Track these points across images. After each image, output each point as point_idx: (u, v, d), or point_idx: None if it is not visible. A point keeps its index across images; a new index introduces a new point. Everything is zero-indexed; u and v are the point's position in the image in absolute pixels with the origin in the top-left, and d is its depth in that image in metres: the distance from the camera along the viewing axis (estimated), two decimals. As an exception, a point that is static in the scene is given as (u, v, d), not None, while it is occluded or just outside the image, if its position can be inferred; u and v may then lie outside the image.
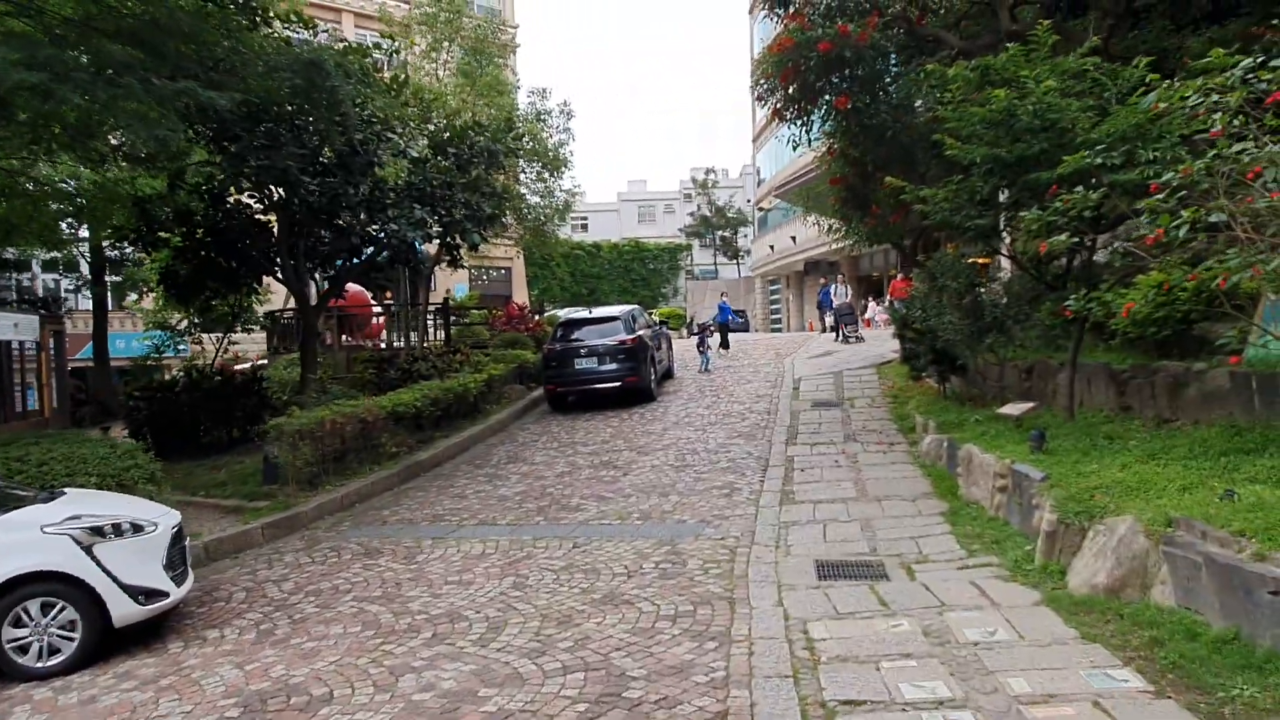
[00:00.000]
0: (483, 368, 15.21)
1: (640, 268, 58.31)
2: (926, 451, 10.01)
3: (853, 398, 14.71)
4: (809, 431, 12.30)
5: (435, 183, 13.24)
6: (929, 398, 13.14)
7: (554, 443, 13.04)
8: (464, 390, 13.49)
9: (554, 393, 15.80)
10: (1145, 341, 10.00)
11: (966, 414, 10.65)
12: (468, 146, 13.85)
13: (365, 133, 11.48)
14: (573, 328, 16.28)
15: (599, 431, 13.61)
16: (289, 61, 8.78)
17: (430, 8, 18.35)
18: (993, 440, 8.45)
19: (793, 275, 48.77)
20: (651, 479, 10.28)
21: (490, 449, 12.99)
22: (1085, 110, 7.32)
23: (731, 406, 14.92)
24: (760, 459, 10.90)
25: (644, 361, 15.75)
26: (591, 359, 15.50)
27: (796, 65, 9.98)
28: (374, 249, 13.24)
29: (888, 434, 11.74)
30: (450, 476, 11.37)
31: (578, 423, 14.56)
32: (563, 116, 19.94)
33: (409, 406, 11.81)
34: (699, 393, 16.68)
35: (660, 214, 74.15)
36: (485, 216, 13.55)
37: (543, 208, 18.79)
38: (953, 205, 8.56)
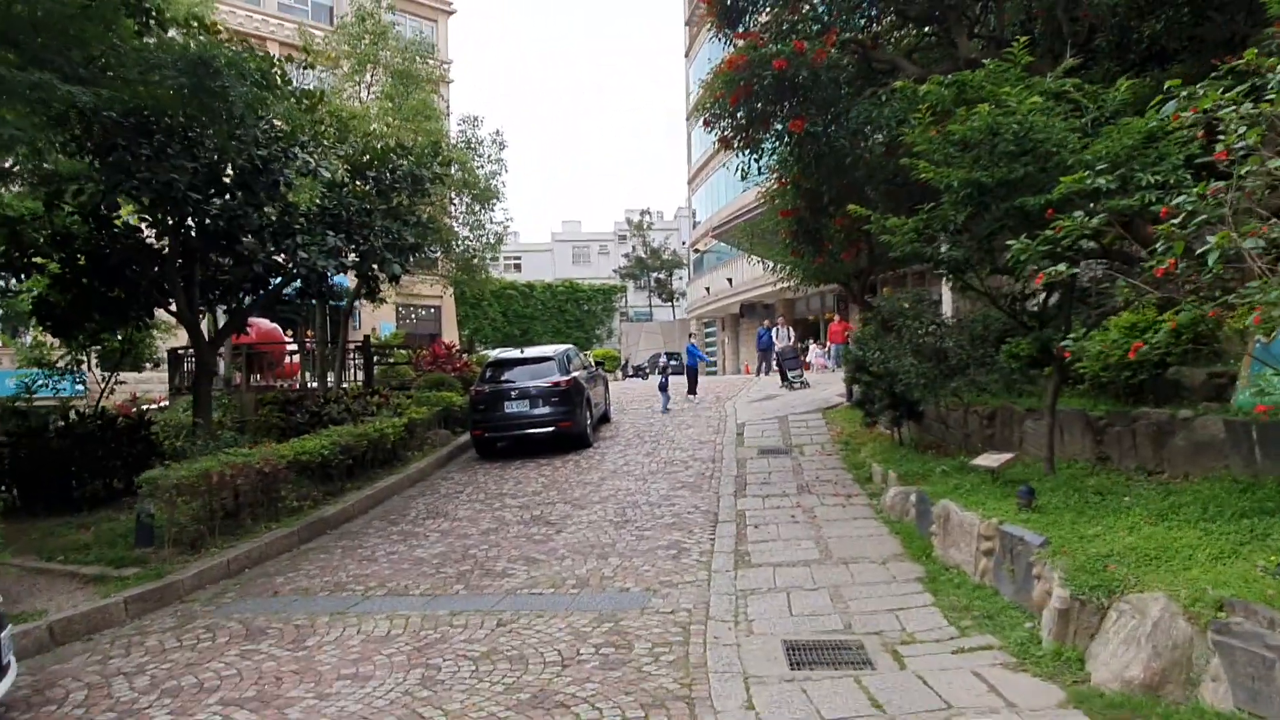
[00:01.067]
0: (403, 411, 13.93)
1: (574, 309, 57.33)
2: (891, 505, 9.14)
3: (801, 444, 13.86)
4: (759, 482, 11.35)
5: (352, 208, 12.07)
6: (883, 445, 12.36)
7: (480, 494, 11.81)
8: (380, 436, 12.19)
9: (481, 438, 14.57)
10: (1115, 386, 9.40)
11: (930, 464, 9.85)
12: (389, 170, 12.73)
13: (270, 149, 10.28)
14: (503, 368, 15.13)
15: (530, 481, 12.44)
16: (173, 59, 7.61)
17: (354, 29, 17.30)
18: (969, 495, 7.61)
19: (728, 317, 48.41)
20: (589, 537, 9.16)
21: (408, 502, 11.69)
22: (1073, 131, 6.63)
23: (673, 453, 13.91)
24: (708, 513, 9.89)
25: (579, 405, 14.68)
26: (523, 402, 14.35)
27: (749, 85, 9.21)
28: (281, 279, 11.94)
29: (844, 485, 10.87)
30: (360, 535, 10.05)
31: (507, 471, 13.35)
32: (495, 146, 19.01)
33: (315, 455, 10.49)
34: (638, 438, 15.64)
35: (595, 255, 73.55)
36: (407, 246, 12.40)
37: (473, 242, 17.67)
38: (922, 236, 7.79)
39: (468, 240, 18.01)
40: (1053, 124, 6.58)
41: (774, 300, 40.97)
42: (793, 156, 10.61)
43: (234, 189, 10.45)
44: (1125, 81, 7.24)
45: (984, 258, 7.65)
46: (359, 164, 12.50)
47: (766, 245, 16.31)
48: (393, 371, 19.44)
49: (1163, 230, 5.16)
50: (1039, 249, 6.20)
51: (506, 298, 54.44)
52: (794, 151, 10.36)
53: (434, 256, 23.49)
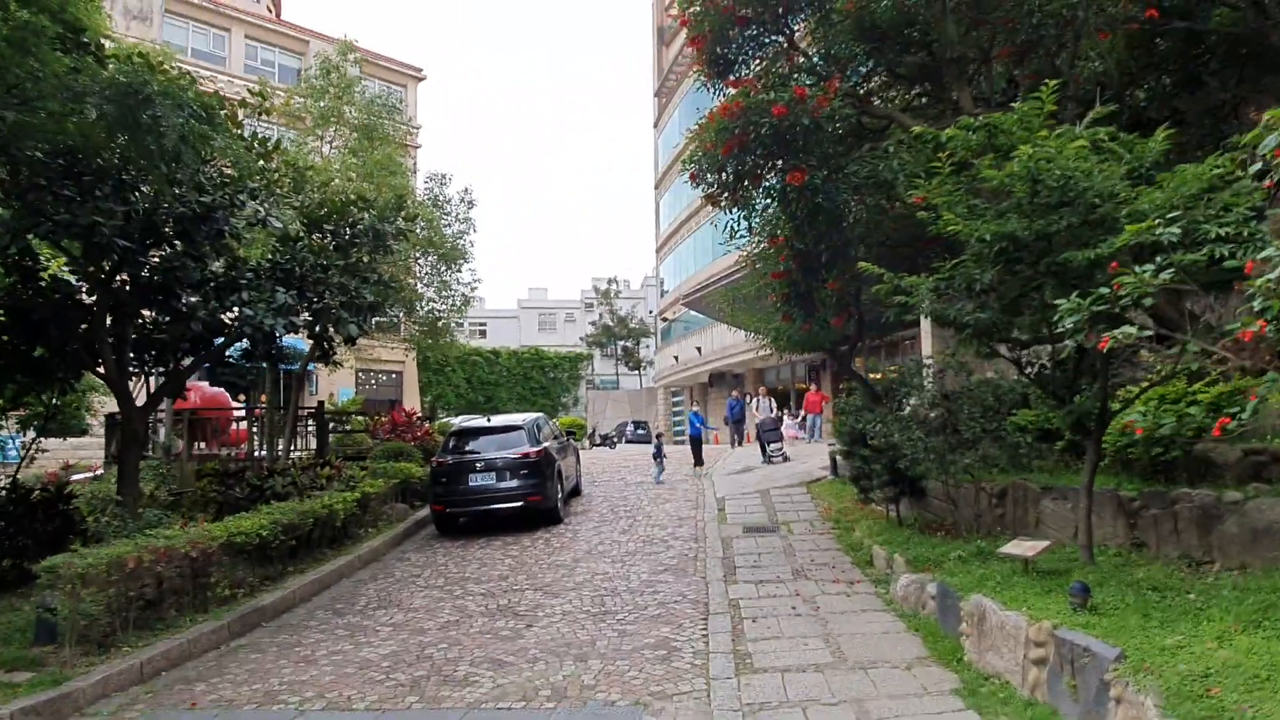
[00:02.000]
0: (357, 484, 12.72)
1: (540, 376, 56.25)
2: (903, 596, 8.16)
3: (788, 521, 12.88)
4: (748, 564, 10.31)
5: (307, 264, 11.10)
6: (879, 524, 11.43)
7: (439, 579, 10.61)
8: (329, 512, 10.99)
9: (442, 514, 13.39)
10: (1139, 463, 8.64)
11: (939, 547, 8.92)
12: (349, 225, 11.81)
13: (215, 195, 9.32)
14: (467, 437, 14.03)
15: (496, 563, 11.27)
16: (100, 87, 6.69)
17: (319, 82, 16.57)
18: (1003, 589, 6.66)
19: (697, 386, 47.66)
20: (564, 633, 8.03)
21: (359, 587, 10.44)
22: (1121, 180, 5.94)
23: (651, 531, 12.84)
24: (697, 602, 8.82)
25: (549, 478, 13.60)
26: (488, 474, 13.23)
27: (744, 134, 8.52)
28: (225, 339, 10.85)
29: (843, 569, 9.88)
30: (300, 628, 8.80)
31: (470, 551, 12.16)
32: (463, 205, 18.21)
33: (252, 536, 9.28)
34: (612, 513, 14.55)
35: (561, 322, 72.91)
36: (365, 305, 11.41)
37: (439, 303, 16.71)
38: (942, 297, 7.01)
39: (433, 302, 17.05)
40: (1100, 171, 5.87)
41: (743, 370, 40.35)
42: (785, 214, 9.89)
43: (173, 239, 9.44)
44: (1163, 131, 6.60)
45: (1013, 321, 6.85)
46: (316, 217, 11.58)
47: (748, 311, 15.55)
48: (349, 440, 18.19)
49: (1258, 285, 4.39)
50: (1091, 309, 5.41)
51: (471, 364, 53.25)
52: (788, 209, 9.65)
53: (396, 320, 22.53)
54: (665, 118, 49.96)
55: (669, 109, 48.92)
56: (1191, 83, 11.32)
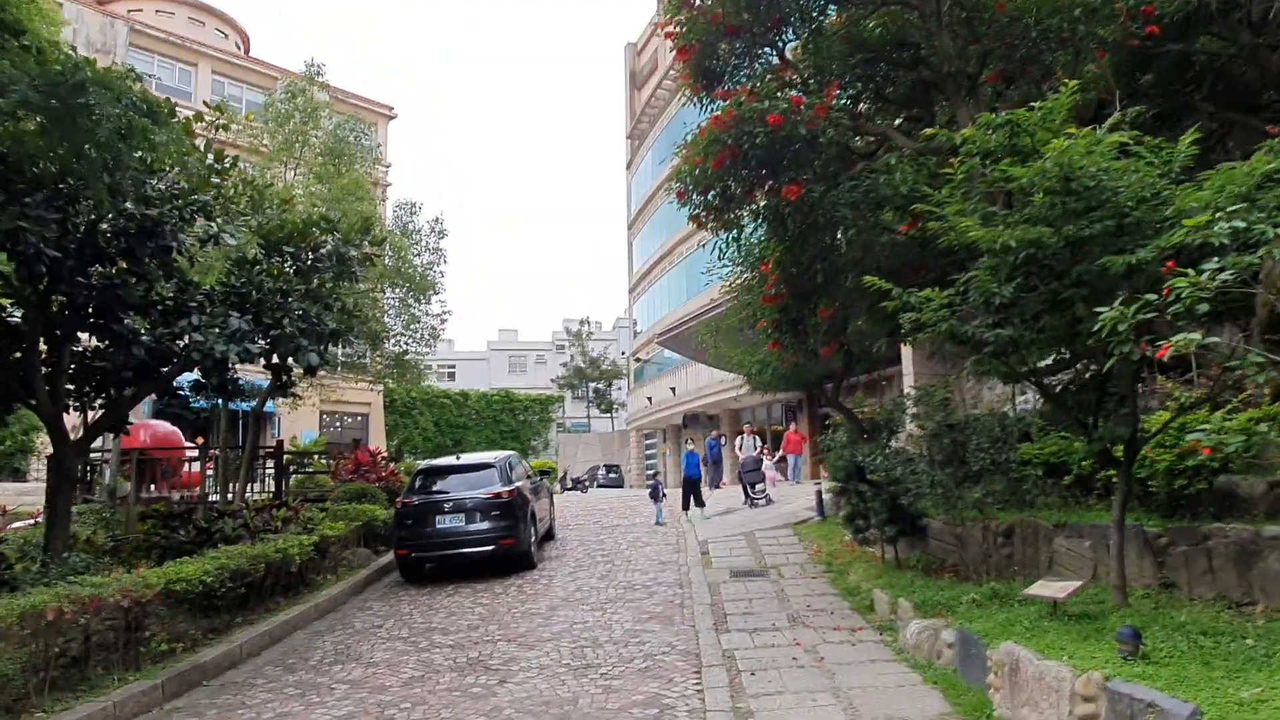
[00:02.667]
0: (315, 527, 11.81)
1: (510, 418, 55.23)
2: (915, 645, 7.46)
3: (777, 565, 12.15)
4: (740, 612, 9.56)
5: (264, 288, 10.34)
6: (876, 566, 10.76)
7: (403, 630, 9.72)
8: (283, 557, 10.08)
9: (407, 558, 12.47)
10: (1156, 498, 8.08)
11: (948, 591, 8.25)
12: (310, 248, 11.08)
13: (161, 209, 8.58)
14: (435, 477, 13.18)
15: (465, 612, 10.39)
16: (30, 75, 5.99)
17: (284, 106, 15.93)
18: (1034, 636, 6.00)
19: (670, 429, 46.94)
20: (542, 690, 7.21)
21: (314, 640, 9.51)
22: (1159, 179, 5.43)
23: (632, 576, 12.03)
24: (688, 654, 8.03)
25: (523, 520, 12.77)
26: (457, 516, 12.38)
27: (735, 146, 7.98)
28: (172, 368, 10.00)
29: (842, 615, 9.17)
30: (245, 688, 7.87)
31: (437, 599, 11.27)
32: (434, 235, 17.51)
33: (194, 582, 8.37)
34: (588, 558, 13.72)
35: (532, 364, 72.09)
36: (326, 332, 10.63)
37: (406, 336, 15.87)
38: (956, 313, 6.44)
39: (400, 335, 16.22)
40: (1136, 171, 5.36)
41: (718, 410, 39.77)
42: (777, 235, 9.35)
43: (115, 257, 8.66)
44: (1192, 133, 6.14)
45: (1035, 338, 6.28)
46: (275, 239, 10.84)
47: (730, 343, 14.98)
48: (311, 482, 17.21)
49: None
50: (1137, 317, 4.85)
51: (439, 406, 52.19)
52: (781, 228, 9.10)
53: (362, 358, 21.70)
54: (638, 159, 49.97)
55: (641, 150, 48.94)
56: (1180, 111, 11.09)
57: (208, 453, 16.73)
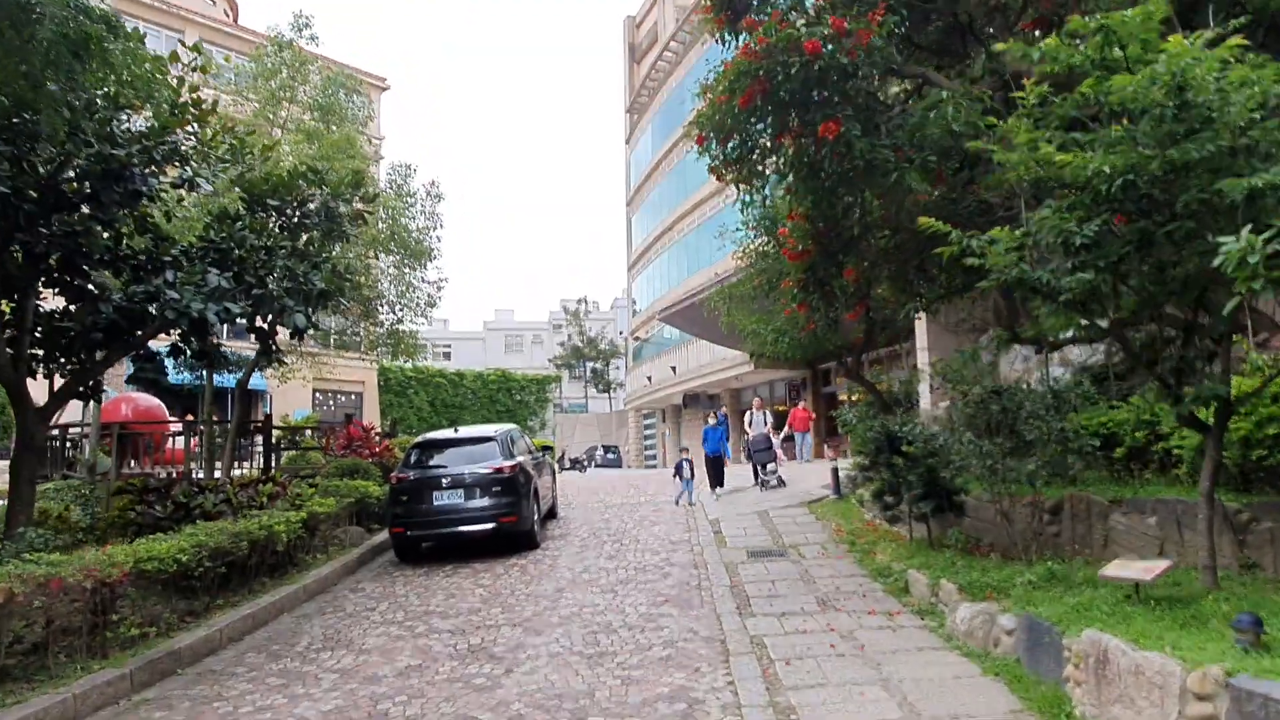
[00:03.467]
0: (304, 503, 11.04)
1: (507, 398, 54.38)
2: (967, 631, 6.73)
3: (796, 545, 11.42)
4: (764, 594, 8.83)
5: (247, 244, 9.53)
6: (905, 546, 10.05)
7: (398, 613, 8.97)
8: (268, 535, 9.32)
9: (403, 537, 11.71)
10: (1227, 472, 7.35)
11: (996, 572, 7.51)
12: (297, 201, 10.26)
13: (130, 148, 7.74)
14: (432, 450, 12.40)
15: (465, 594, 9.65)
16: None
17: (271, 59, 14.99)
18: (1119, 622, 5.26)
19: (670, 409, 46.24)
20: (552, 681, 6.47)
21: (301, 624, 8.77)
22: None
23: (642, 556, 11.30)
24: (712, 640, 7.31)
25: (525, 496, 12.01)
26: (455, 492, 11.61)
27: (768, 77, 7.15)
28: (147, 329, 9.19)
29: (875, 597, 8.44)
30: (224, 677, 7.12)
31: (435, 580, 10.53)
32: (430, 199, 16.61)
33: (167, 561, 7.61)
34: (594, 537, 12.98)
35: (529, 344, 71.24)
36: (315, 292, 9.81)
37: (401, 304, 14.96)
38: (1024, 257, 5.65)
39: (395, 303, 15.29)
40: (1260, 80, 4.57)
41: (719, 389, 39.05)
42: (806, 185, 8.53)
43: (78, 203, 7.84)
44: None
45: (1120, 285, 5.51)
46: (259, 192, 10.01)
47: (744, 312, 14.19)
48: (304, 459, 16.41)
49: None
50: (1272, 247, 4.08)
51: (435, 386, 51.33)
52: (812, 177, 8.28)
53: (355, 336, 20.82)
54: (637, 133, 48.97)
55: (641, 124, 47.95)
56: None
57: (194, 428, 15.96)
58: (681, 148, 40.28)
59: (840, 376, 15.10)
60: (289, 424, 20.90)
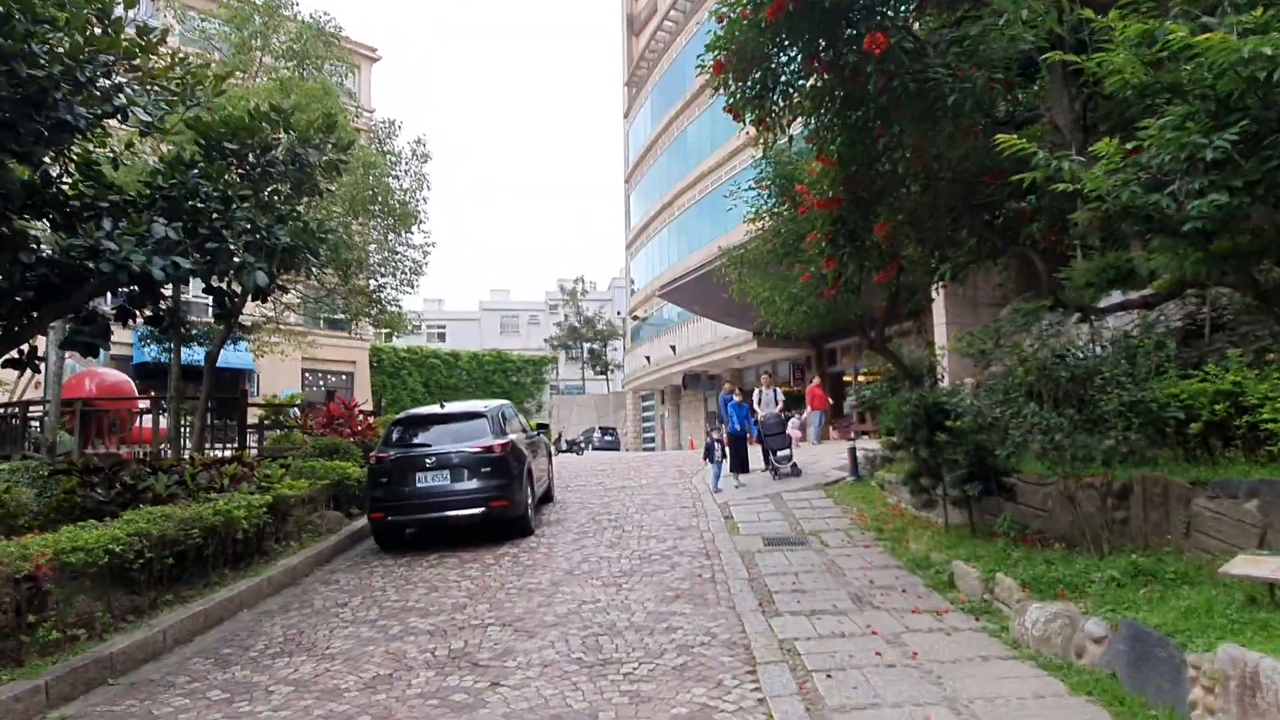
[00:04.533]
0: (272, 485, 9.96)
1: (502, 379, 53.24)
2: (1040, 637, 5.66)
3: (817, 532, 10.38)
4: (787, 588, 7.77)
5: (202, 193, 8.38)
6: (940, 534, 9.01)
7: (372, 610, 7.90)
8: (226, 520, 8.23)
9: (383, 523, 10.63)
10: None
11: (1064, 566, 6.45)
12: (259, 147, 9.10)
13: (51, 69, 6.58)
14: (415, 427, 11.30)
15: (449, 588, 8.58)
16: None
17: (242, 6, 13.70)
18: (1257, 634, 4.19)
19: (669, 390, 45.14)
20: (547, 696, 5.40)
21: (261, 623, 7.69)
22: None
23: (647, 544, 10.24)
24: (733, 645, 6.24)
25: (518, 478, 10.93)
26: (441, 473, 10.52)
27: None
28: (87, 288, 8.04)
29: (916, 593, 7.38)
30: (159, 688, 6.04)
31: (416, 571, 9.46)
32: (416, 159, 15.36)
33: (95, 553, 6.51)
34: (593, 523, 11.92)
35: (525, 325, 70.05)
36: (279, 247, 8.68)
37: (384, 271, 13.74)
38: (1145, 181, 4.54)
39: (377, 269, 13.99)
40: None
41: (720, 370, 37.94)
42: (841, 119, 7.40)
43: (-8, 133, 6.68)
44: None
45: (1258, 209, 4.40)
46: (216, 134, 8.85)
47: (756, 277, 13.08)
48: (289, 439, 15.26)
49: None
50: None
51: (429, 366, 50.19)
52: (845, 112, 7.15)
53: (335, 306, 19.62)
54: (636, 107, 47.62)
55: (640, 97, 46.59)
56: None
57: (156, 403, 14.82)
58: (682, 120, 39.00)
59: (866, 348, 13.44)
60: (272, 402, 19.77)
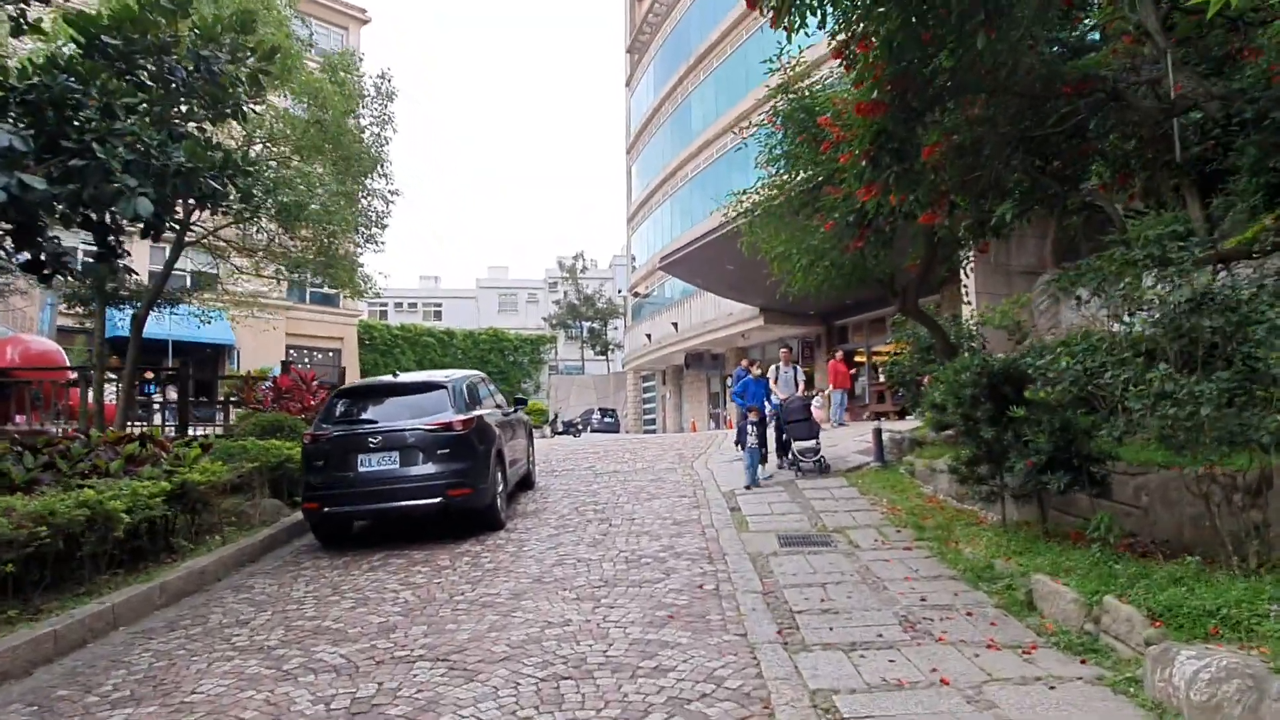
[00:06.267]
0: (181, 468, 8.17)
1: (499, 359, 51.49)
2: (1209, 702, 3.83)
3: (842, 528, 8.58)
4: (814, 606, 5.96)
5: (72, 98, 6.54)
6: (993, 532, 7.23)
7: (275, 631, 6.10)
8: (96, 514, 6.43)
9: (319, 514, 8.82)
10: None
11: (1208, 589, 4.66)
12: (152, 49, 7.23)
13: None
14: (361, 400, 9.47)
15: (383, 601, 6.77)
16: None
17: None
18: None
19: (671, 370, 43.28)
20: (469, 791, 3.60)
21: (131, 648, 5.89)
22: None
23: (637, 542, 8.43)
24: (747, 698, 4.43)
25: (485, 461, 9.12)
26: (389, 455, 8.71)
27: None
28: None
29: (984, 615, 5.57)
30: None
31: (351, 575, 7.67)
32: (381, 97, 13.29)
33: None
34: (576, 513, 10.12)
35: (523, 304, 68.15)
36: (171, 170, 6.83)
37: (337, 218, 11.71)
38: None
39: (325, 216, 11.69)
40: None
41: (724, 349, 36.09)
42: None
43: None
44: None
45: None
46: (95, 28, 6.99)
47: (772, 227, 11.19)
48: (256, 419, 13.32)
49: None
50: None
51: (422, 345, 48.42)
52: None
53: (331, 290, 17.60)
54: (638, 74, 45.52)
55: (643, 64, 44.49)
56: None
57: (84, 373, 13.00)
58: (686, 85, 36.95)
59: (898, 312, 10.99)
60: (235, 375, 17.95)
